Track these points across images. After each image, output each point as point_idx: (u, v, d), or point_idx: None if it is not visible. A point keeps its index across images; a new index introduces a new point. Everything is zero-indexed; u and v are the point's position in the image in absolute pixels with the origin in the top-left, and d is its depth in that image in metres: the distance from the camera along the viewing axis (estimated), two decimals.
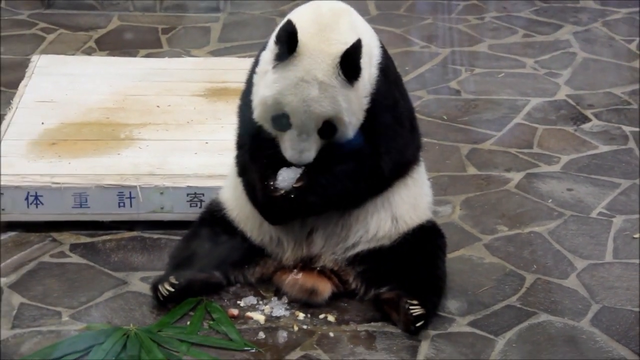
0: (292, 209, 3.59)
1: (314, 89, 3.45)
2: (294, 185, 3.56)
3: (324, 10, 3.60)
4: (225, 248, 3.85)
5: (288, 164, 3.58)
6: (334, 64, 3.45)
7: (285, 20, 3.51)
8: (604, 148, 5.02)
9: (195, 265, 3.81)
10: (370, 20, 6.23)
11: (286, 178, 3.57)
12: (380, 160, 3.66)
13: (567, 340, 3.62)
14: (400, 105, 3.71)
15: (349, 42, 3.45)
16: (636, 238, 4.25)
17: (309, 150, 3.52)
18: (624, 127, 5.22)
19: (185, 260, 3.83)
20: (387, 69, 3.67)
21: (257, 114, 3.57)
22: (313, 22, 3.53)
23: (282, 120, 3.51)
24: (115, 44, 6.17)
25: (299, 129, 3.49)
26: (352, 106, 3.50)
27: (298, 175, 3.57)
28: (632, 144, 5.05)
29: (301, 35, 3.46)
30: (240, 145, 3.79)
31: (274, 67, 3.50)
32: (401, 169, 3.79)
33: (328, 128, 3.51)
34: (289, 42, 3.45)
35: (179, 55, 5.94)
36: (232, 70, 5.19)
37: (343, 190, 3.65)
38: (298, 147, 3.51)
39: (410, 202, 3.82)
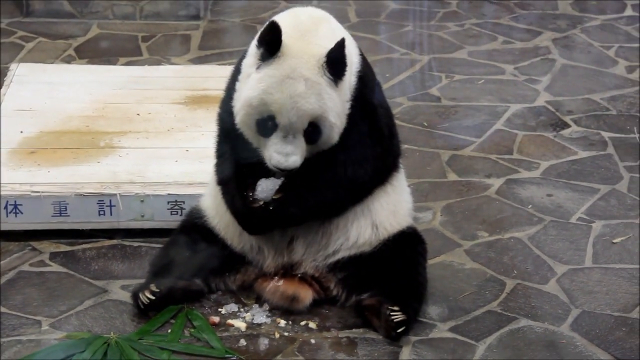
0: (271, 220, 3.59)
1: (300, 85, 3.43)
2: (273, 197, 3.56)
3: (303, 18, 3.60)
4: (206, 256, 3.84)
5: (267, 175, 3.57)
6: (319, 64, 3.45)
7: (267, 23, 3.51)
8: (583, 154, 5.05)
9: (176, 273, 3.79)
10: (350, 27, 6.27)
11: (265, 189, 3.57)
12: (359, 168, 3.66)
13: (547, 345, 3.63)
14: (379, 112, 3.71)
15: (331, 45, 3.46)
16: (615, 243, 4.27)
17: (296, 153, 3.48)
18: (603, 133, 5.25)
19: (165, 268, 3.82)
20: (366, 76, 3.67)
21: (240, 118, 3.54)
22: (294, 28, 3.53)
23: (267, 123, 3.48)
24: (95, 52, 6.15)
25: (285, 130, 3.46)
26: (336, 107, 3.49)
27: (277, 187, 3.57)
28: (611, 149, 5.08)
29: (284, 38, 3.46)
30: (220, 154, 3.78)
31: (258, 68, 3.48)
32: (381, 176, 3.79)
33: (313, 130, 3.49)
34: (273, 40, 3.44)
35: (158, 63, 5.94)
36: (213, 77, 5.19)
37: (323, 200, 3.65)
38: (284, 150, 3.47)
39: (390, 209, 3.82)
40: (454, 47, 6.36)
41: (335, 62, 3.45)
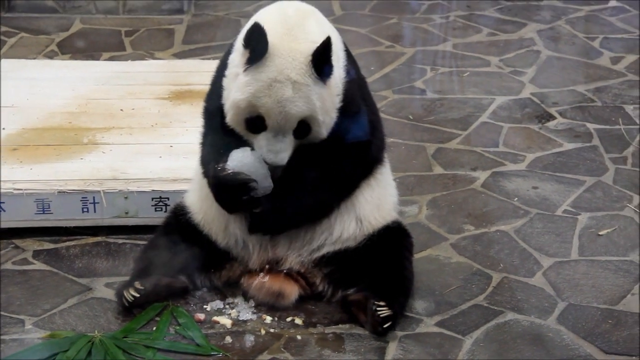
0: (240, 192, 3.54)
1: (287, 89, 3.42)
2: (255, 210, 3.55)
3: (290, 12, 3.57)
4: (191, 252, 3.81)
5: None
6: (306, 62, 3.43)
7: (251, 22, 3.48)
8: (568, 146, 5.04)
9: (161, 270, 3.77)
10: (335, 20, 6.26)
11: (235, 158, 3.54)
12: (343, 166, 3.64)
13: (534, 338, 3.63)
14: (363, 108, 3.68)
15: (318, 40, 3.44)
16: (601, 235, 4.27)
17: (285, 150, 3.49)
18: (588, 125, 5.25)
19: (150, 265, 3.79)
20: (351, 71, 3.64)
21: (230, 117, 3.53)
22: (280, 23, 3.50)
23: (256, 122, 3.48)
24: (78, 48, 6.12)
25: (275, 131, 3.47)
26: (325, 105, 3.48)
27: (248, 156, 3.53)
28: (596, 141, 5.08)
29: (270, 37, 3.44)
30: (206, 147, 3.75)
31: (245, 70, 3.46)
32: (364, 170, 3.77)
33: (303, 128, 3.49)
34: (259, 44, 3.42)
35: (142, 58, 5.90)
36: (197, 72, 5.16)
37: (306, 208, 3.64)
38: (274, 148, 3.48)
39: (374, 203, 3.80)
40: (439, 40, 6.35)
41: (321, 61, 3.44)
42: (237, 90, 3.48)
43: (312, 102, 3.45)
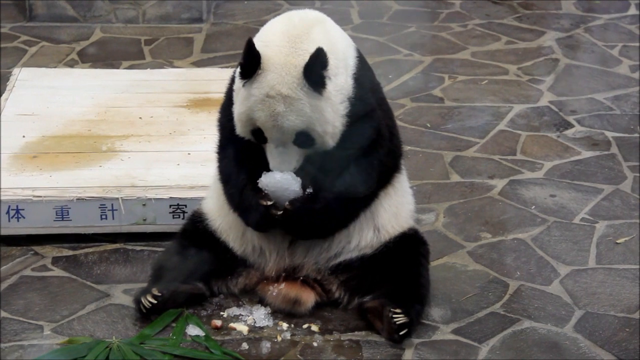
0: (277, 221, 3.59)
1: (279, 104, 3.46)
2: (286, 206, 3.56)
3: (296, 21, 3.59)
4: (208, 259, 3.83)
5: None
6: (299, 76, 3.45)
7: (247, 39, 3.50)
8: (586, 154, 5.03)
9: (178, 276, 3.79)
10: (353, 29, 6.27)
11: (269, 183, 3.56)
12: (363, 176, 3.64)
13: (550, 346, 3.62)
14: (378, 115, 3.69)
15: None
16: (619, 243, 4.25)
17: (289, 161, 3.54)
18: (607, 133, 5.23)
19: (168, 272, 3.81)
20: (363, 78, 3.65)
21: (238, 129, 3.60)
22: (283, 34, 3.52)
23: (259, 134, 3.55)
24: (98, 56, 6.16)
25: (275, 142, 3.53)
26: (324, 115, 3.49)
27: (283, 177, 3.56)
28: (614, 149, 5.06)
29: (269, 50, 3.48)
30: (222, 157, 3.77)
31: (243, 85, 3.52)
32: (383, 178, 3.78)
33: (304, 138, 3.52)
34: (251, 61, 3.47)
35: (161, 66, 5.93)
36: (215, 81, 5.18)
37: (332, 216, 3.65)
38: (278, 159, 3.54)
39: (392, 211, 3.81)
40: (457, 48, 6.35)
41: (312, 74, 3.45)
42: (238, 104, 3.56)
43: (306, 115, 3.47)
